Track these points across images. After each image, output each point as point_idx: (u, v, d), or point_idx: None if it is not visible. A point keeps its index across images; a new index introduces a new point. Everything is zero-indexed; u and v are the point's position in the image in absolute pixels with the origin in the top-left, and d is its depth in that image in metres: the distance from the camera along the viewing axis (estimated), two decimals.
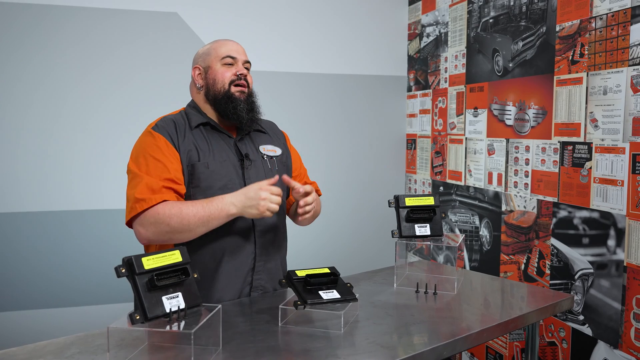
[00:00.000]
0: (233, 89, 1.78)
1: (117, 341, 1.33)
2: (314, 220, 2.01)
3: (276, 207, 1.61)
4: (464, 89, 3.02)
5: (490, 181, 2.80)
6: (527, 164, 2.53)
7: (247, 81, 1.81)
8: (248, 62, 1.84)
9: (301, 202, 1.73)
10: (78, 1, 2.87)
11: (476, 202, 2.91)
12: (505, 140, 2.68)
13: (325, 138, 3.43)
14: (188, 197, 1.69)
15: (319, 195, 2.03)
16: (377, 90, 3.54)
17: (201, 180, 1.69)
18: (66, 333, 1.48)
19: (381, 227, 3.37)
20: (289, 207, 1.99)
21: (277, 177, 1.68)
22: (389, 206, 1.92)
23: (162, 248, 1.66)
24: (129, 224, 1.66)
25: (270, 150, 1.88)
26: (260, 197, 1.59)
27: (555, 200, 2.36)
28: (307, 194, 1.73)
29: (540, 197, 2.45)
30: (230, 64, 1.80)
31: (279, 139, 1.97)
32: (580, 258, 2.23)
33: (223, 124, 1.82)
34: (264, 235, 1.78)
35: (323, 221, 2.90)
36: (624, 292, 2.03)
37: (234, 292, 1.73)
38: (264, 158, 1.84)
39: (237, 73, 1.79)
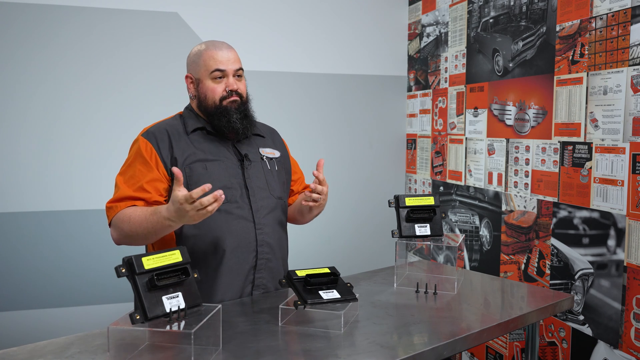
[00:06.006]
0: (225, 102, 1.77)
1: (117, 341, 1.33)
2: (314, 219, 2.02)
3: (212, 208, 1.46)
4: (464, 89, 3.02)
5: (490, 181, 2.80)
6: (527, 164, 2.53)
7: (238, 93, 1.79)
8: (240, 69, 1.80)
9: (316, 189, 1.72)
10: (78, 1, 2.87)
11: (476, 202, 2.91)
12: (505, 140, 2.68)
13: (325, 138, 3.43)
14: None
15: None
16: (377, 90, 3.54)
17: (199, 182, 1.69)
18: (66, 333, 1.48)
19: (381, 227, 3.37)
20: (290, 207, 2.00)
21: (206, 186, 1.45)
22: (389, 206, 1.92)
23: (163, 248, 1.67)
24: None
25: (269, 152, 1.89)
26: (185, 210, 1.45)
27: (556, 200, 2.36)
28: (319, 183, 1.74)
29: (541, 197, 2.45)
30: (220, 77, 1.77)
31: (279, 144, 1.98)
32: (580, 258, 2.23)
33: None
34: (265, 233, 1.78)
35: (323, 221, 2.91)
36: (624, 292, 2.03)
37: (236, 290, 1.74)
38: (263, 159, 1.85)
39: (228, 89, 1.77)
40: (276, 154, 1.92)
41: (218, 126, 1.77)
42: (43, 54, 2.84)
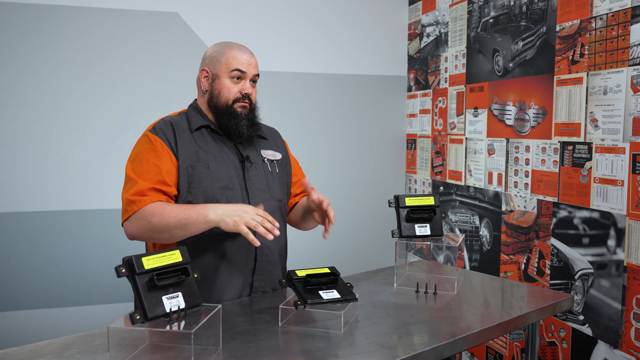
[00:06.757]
0: (236, 105, 1.78)
1: (117, 341, 1.33)
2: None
3: (254, 223, 1.56)
4: (464, 88, 3.02)
5: (490, 181, 2.80)
6: (527, 164, 2.53)
7: (250, 98, 1.80)
8: (257, 75, 1.83)
9: (330, 216, 1.82)
10: (78, 1, 2.87)
11: (476, 202, 2.91)
12: (505, 140, 2.68)
13: (325, 138, 3.43)
14: (187, 197, 1.69)
15: None
16: (377, 90, 3.54)
17: (202, 181, 1.69)
18: (66, 333, 1.48)
19: (381, 227, 3.37)
20: (289, 211, 1.99)
21: (262, 205, 1.65)
22: (389, 206, 1.92)
23: (163, 248, 1.67)
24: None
25: (270, 154, 1.88)
26: (244, 210, 1.58)
27: (556, 200, 2.36)
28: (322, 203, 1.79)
29: (541, 197, 2.45)
30: (238, 78, 1.78)
31: (280, 145, 1.98)
32: (580, 258, 2.23)
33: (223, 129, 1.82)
34: None
35: None
36: (624, 292, 2.03)
37: (234, 292, 1.73)
38: (264, 161, 1.85)
39: (243, 92, 1.78)
40: (277, 155, 1.91)
41: (226, 126, 1.77)
42: (43, 54, 2.84)
